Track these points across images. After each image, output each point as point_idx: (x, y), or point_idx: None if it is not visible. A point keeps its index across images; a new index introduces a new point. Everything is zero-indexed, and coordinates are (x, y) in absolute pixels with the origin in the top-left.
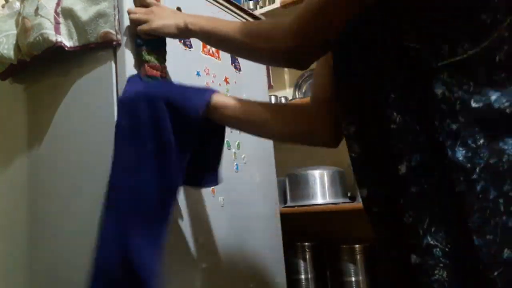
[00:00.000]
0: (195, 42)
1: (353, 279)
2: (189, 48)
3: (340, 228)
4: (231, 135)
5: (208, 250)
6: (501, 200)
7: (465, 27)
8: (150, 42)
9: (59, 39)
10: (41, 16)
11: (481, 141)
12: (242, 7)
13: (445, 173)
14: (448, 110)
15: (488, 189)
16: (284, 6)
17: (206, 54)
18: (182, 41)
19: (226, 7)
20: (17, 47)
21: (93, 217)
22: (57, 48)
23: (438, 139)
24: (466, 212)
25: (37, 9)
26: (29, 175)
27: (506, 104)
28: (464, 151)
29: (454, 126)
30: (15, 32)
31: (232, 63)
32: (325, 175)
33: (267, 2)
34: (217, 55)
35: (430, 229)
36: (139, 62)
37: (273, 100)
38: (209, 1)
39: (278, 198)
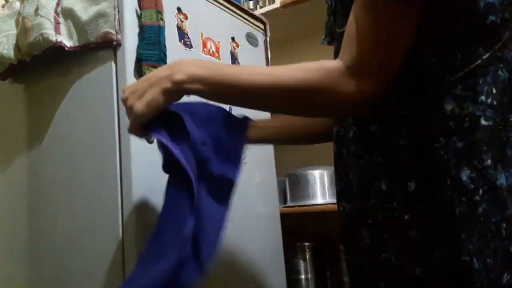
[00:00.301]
0: (195, 42)
1: None
2: (189, 48)
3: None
4: None
5: None
6: (503, 224)
7: (476, 32)
8: (150, 57)
9: (59, 39)
10: (41, 16)
11: (488, 161)
12: (242, 7)
13: (447, 192)
14: (456, 127)
15: (491, 212)
16: (284, 6)
17: (206, 54)
18: (182, 41)
19: (226, 7)
20: (17, 47)
21: (93, 217)
22: (57, 48)
23: (443, 157)
24: (467, 234)
25: (37, 9)
26: (29, 175)
27: None
28: (468, 171)
29: (460, 145)
30: (15, 32)
31: (232, 63)
32: (325, 175)
33: (267, 2)
34: (217, 55)
35: (437, 246)
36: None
37: None
38: (209, 1)
39: (278, 198)
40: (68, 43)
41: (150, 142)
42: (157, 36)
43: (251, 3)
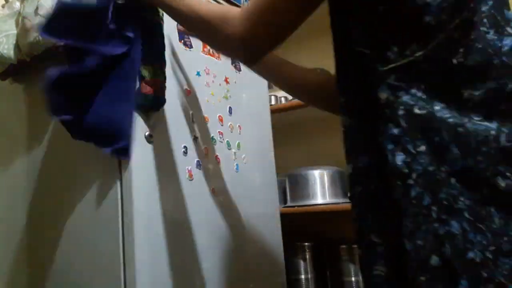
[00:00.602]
0: (195, 42)
1: (353, 279)
2: (189, 48)
3: (340, 228)
4: (231, 135)
5: (208, 250)
6: (434, 208)
7: (412, 30)
8: (146, 57)
9: None
10: (41, 16)
11: (422, 147)
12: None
13: (385, 177)
14: (391, 114)
15: (422, 195)
16: None
17: (206, 54)
18: (182, 41)
19: None
20: (17, 47)
21: (93, 216)
22: (57, 48)
23: (381, 143)
24: (400, 216)
25: (37, 9)
26: (29, 175)
27: (448, 115)
28: (403, 156)
29: (395, 131)
30: (15, 32)
31: (232, 63)
32: (325, 175)
33: None
34: (217, 55)
35: (374, 228)
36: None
37: (273, 101)
38: (209, 1)
39: (278, 198)
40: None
41: (150, 141)
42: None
43: None
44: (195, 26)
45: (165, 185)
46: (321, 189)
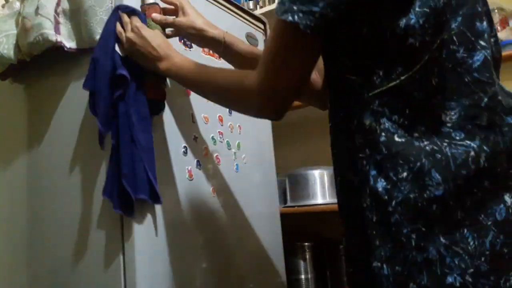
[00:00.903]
0: None
1: None
2: (189, 48)
3: (340, 228)
4: (231, 135)
5: (208, 250)
6: (413, 235)
7: (396, 52)
8: None
9: (59, 39)
10: (41, 15)
11: (404, 174)
12: (242, 7)
13: (366, 200)
14: (373, 140)
15: (402, 223)
16: None
17: (206, 54)
18: (182, 41)
19: (226, 7)
20: (17, 47)
21: (93, 217)
22: (57, 48)
23: (365, 167)
24: (381, 241)
25: (37, 8)
26: (29, 175)
27: (425, 142)
28: (384, 183)
29: (378, 157)
30: (15, 32)
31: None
32: (325, 175)
33: (267, 2)
34: (217, 55)
35: (362, 249)
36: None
37: None
38: (209, 1)
39: (278, 198)
40: (67, 43)
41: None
42: None
43: (251, 3)
44: (214, 95)
45: (165, 185)
46: (321, 189)
